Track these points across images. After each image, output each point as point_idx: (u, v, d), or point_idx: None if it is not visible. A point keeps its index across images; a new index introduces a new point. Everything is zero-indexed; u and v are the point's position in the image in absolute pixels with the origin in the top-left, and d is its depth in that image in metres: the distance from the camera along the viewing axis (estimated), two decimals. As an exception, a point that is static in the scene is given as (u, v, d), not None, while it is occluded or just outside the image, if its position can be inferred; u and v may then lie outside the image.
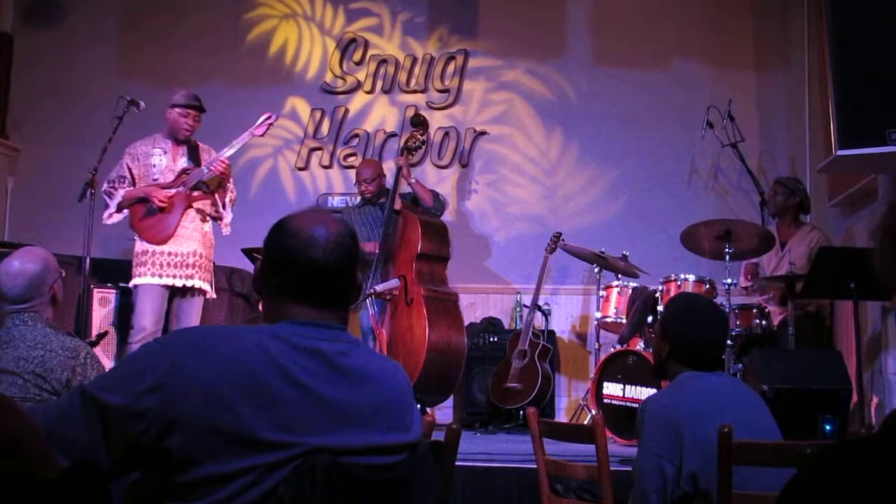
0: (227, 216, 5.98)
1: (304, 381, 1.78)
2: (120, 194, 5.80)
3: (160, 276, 5.72)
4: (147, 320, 5.68)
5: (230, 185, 5.99)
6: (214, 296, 6.06)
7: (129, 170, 5.86)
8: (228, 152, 5.91)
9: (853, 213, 6.44)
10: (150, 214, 5.79)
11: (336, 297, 1.94)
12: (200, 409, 1.70)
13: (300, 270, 1.90)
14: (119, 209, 5.82)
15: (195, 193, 5.87)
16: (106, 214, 5.82)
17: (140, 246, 5.80)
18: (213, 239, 6.00)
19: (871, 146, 4.42)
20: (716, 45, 7.76)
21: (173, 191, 5.80)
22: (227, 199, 5.96)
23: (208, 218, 5.97)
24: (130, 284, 5.80)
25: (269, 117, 6.10)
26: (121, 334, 6.12)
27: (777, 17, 7.71)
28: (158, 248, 5.74)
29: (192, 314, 5.86)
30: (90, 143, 6.13)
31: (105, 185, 5.83)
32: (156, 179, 5.84)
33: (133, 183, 5.85)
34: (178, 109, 5.88)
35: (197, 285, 5.82)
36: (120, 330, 6.15)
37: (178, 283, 5.75)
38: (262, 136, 6.21)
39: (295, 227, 1.92)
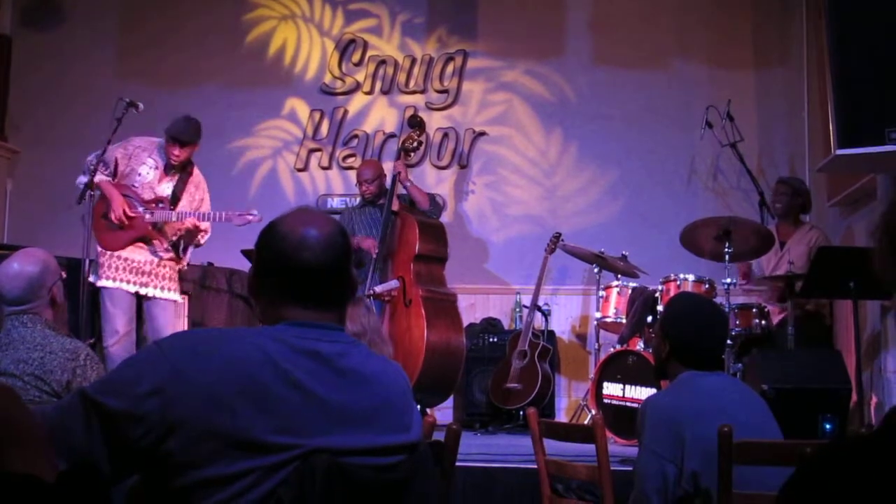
0: (185, 261, 5.94)
1: (304, 382, 1.78)
2: (97, 178, 5.69)
3: (114, 279, 5.70)
4: (118, 322, 5.65)
5: (199, 237, 5.92)
6: (180, 300, 5.99)
7: (116, 162, 5.80)
8: (203, 219, 5.84)
9: (852, 212, 6.44)
10: (107, 218, 5.75)
11: (332, 298, 1.94)
12: (200, 412, 1.70)
13: (294, 273, 1.89)
14: (90, 188, 5.68)
15: (154, 231, 5.80)
16: (81, 180, 5.73)
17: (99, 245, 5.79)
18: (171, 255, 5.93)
19: (871, 145, 4.42)
20: (715, 46, 7.77)
21: (140, 210, 5.75)
22: (191, 244, 5.91)
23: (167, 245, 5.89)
24: (96, 285, 5.76)
25: (255, 217, 5.86)
26: (91, 333, 6.10)
27: (776, 16, 7.71)
28: (115, 252, 5.73)
29: (164, 317, 5.81)
30: (89, 145, 6.11)
31: (91, 156, 5.74)
32: (135, 187, 5.80)
33: (115, 174, 5.80)
34: (166, 135, 5.77)
35: (150, 293, 5.77)
36: (91, 329, 6.13)
37: (132, 289, 5.72)
38: (239, 225, 5.90)
39: (285, 230, 1.91)
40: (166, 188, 5.86)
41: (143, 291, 5.74)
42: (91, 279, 5.73)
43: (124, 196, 5.72)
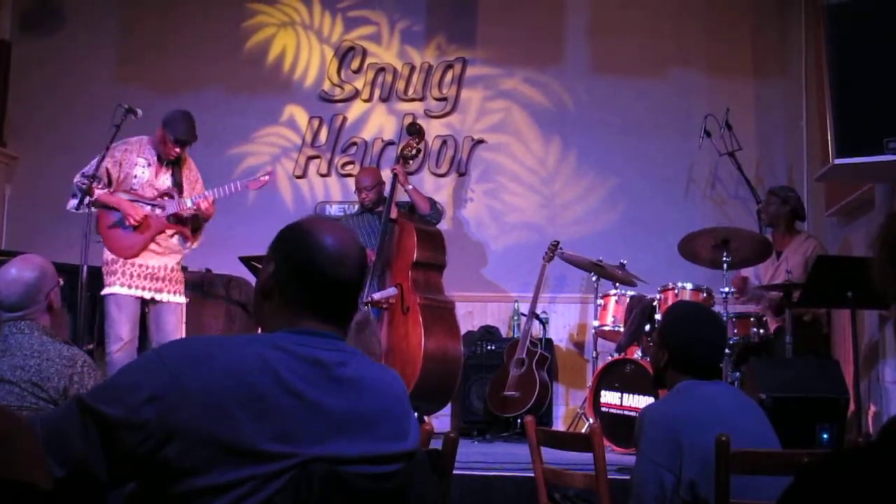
0: (197, 243, 5.96)
1: (303, 390, 1.77)
2: (96, 195, 5.69)
3: (129, 286, 5.67)
4: (123, 329, 5.62)
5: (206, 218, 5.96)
6: (185, 301, 5.98)
7: (108, 174, 5.78)
8: (216, 195, 5.88)
9: (850, 222, 6.45)
10: (119, 226, 5.72)
11: (347, 313, 1.96)
12: (198, 420, 1.70)
13: (324, 286, 1.89)
14: (88, 206, 5.70)
15: (171, 223, 5.82)
16: (73, 204, 5.73)
17: (109, 254, 5.76)
18: (182, 250, 5.96)
19: (869, 155, 4.43)
20: (714, 54, 7.78)
21: (148, 208, 5.75)
22: (201, 228, 5.95)
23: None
24: (103, 292, 5.74)
25: (268, 174, 6.10)
26: (91, 341, 6.09)
27: (775, 25, 7.73)
28: (130, 259, 5.72)
29: (171, 322, 5.80)
30: (88, 151, 6.11)
31: (78, 178, 5.71)
32: (134, 189, 5.80)
33: (109, 185, 5.78)
34: (168, 135, 5.78)
35: (166, 299, 5.77)
36: (92, 338, 6.12)
37: (147, 295, 5.70)
38: (255, 189, 6.19)
39: (324, 242, 1.90)
40: (166, 180, 5.87)
41: (157, 297, 5.74)
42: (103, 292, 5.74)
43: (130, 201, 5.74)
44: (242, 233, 6.60)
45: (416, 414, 2.06)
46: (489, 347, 7.28)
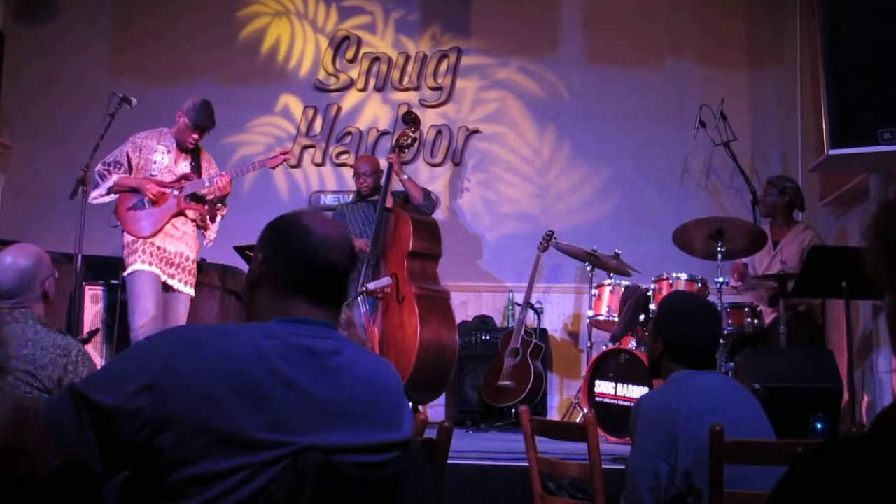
0: (213, 232, 5.96)
1: (296, 380, 1.77)
2: (114, 179, 5.74)
3: (150, 263, 5.68)
4: (150, 303, 5.60)
5: (222, 204, 5.96)
6: (193, 294, 6.00)
7: (129, 158, 5.81)
8: (233, 175, 5.89)
9: (845, 212, 6.46)
10: (137, 208, 5.75)
11: (339, 299, 1.97)
12: (192, 408, 1.70)
13: (317, 270, 1.91)
14: (108, 192, 5.77)
15: (189, 202, 5.84)
16: (95, 194, 5.75)
17: (128, 236, 5.77)
18: (199, 242, 5.99)
19: (863, 145, 4.44)
20: (708, 44, 7.78)
21: (167, 190, 5.78)
22: (217, 216, 5.95)
23: (195, 223, 5.94)
24: (126, 273, 5.74)
25: (285, 153, 6.14)
26: (110, 332, 6.09)
27: (769, 16, 7.72)
28: (149, 240, 5.73)
29: (179, 311, 5.81)
30: (82, 141, 6.10)
31: (100, 166, 5.75)
32: (153, 175, 5.81)
33: (129, 171, 5.81)
34: (187, 121, 5.81)
35: (175, 286, 5.77)
36: (109, 327, 6.12)
37: (162, 277, 5.71)
38: (273, 168, 6.24)
39: (316, 228, 1.93)
40: (185, 167, 5.90)
41: (169, 282, 5.75)
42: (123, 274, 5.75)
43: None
44: (237, 222, 6.56)
45: (410, 404, 2.06)
46: (484, 337, 7.28)
